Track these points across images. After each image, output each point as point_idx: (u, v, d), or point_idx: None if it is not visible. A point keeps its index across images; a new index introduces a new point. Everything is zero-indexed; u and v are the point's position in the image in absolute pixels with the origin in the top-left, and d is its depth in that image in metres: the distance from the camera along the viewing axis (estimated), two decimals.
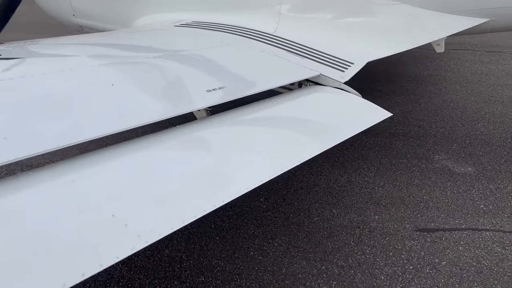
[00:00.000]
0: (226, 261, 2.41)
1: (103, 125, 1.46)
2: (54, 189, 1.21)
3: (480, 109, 4.51)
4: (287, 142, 1.92)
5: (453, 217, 2.76)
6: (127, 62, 2.07)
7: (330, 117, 2.21)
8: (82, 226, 1.13)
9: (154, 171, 1.42)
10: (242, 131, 1.98)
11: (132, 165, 1.45)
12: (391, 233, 2.61)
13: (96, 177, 1.32)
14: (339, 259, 2.41)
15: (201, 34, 2.87)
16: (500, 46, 7.09)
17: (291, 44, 2.82)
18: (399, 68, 6.00)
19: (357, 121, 2.23)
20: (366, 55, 2.77)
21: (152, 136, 1.63)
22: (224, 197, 1.40)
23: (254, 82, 2.28)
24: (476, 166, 3.38)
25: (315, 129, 2.11)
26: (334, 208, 2.86)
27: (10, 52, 1.91)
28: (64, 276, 1.01)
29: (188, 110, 1.83)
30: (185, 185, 1.43)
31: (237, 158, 1.70)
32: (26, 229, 1.08)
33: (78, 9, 4.03)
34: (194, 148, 1.74)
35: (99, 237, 1.12)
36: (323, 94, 2.35)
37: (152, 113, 1.67)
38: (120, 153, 1.45)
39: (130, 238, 1.14)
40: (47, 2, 4.38)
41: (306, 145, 1.95)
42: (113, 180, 1.33)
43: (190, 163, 1.58)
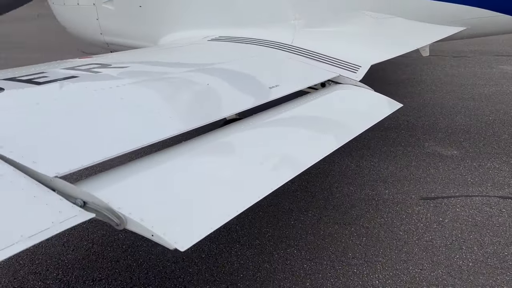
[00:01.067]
0: (273, 229, 2.94)
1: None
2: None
3: (456, 105, 5.23)
4: (322, 131, 2.43)
5: (448, 188, 3.38)
6: (198, 70, 2.54)
7: (355, 109, 2.76)
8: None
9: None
10: (286, 125, 2.41)
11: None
12: (401, 202, 3.21)
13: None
14: (364, 222, 2.98)
15: (234, 46, 3.42)
16: (465, 51, 7.94)
17: (308, 52, 3.40)
18: (380, 74, 6.70)
19: (375, 112, 2.78)
20: (369, 59, 3.36)
21: (236, 125, 2.11)
22: (283, 177, 1.82)
23: (286, 84, 2.82)
24: (460, 149, 4.04)
25: (344, 119, 2.64)
26: (351, 186, 3.45)
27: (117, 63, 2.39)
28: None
29: (252, 105, 2.32)
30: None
31: (287, 148, 2.14)
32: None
33: (106, 28, 4.50)
34: (263, 136, 2.19)
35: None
36: (347, 91, 2.91)
37: (216, 113, 2.10)
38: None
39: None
40: (75, 23, 4.82)
41: (338, 133, 2.43)
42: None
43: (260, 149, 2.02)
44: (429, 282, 2.43)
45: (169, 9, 4.03)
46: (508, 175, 3.54)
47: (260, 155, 1.87)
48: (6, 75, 1.95)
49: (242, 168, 1.77)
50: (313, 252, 2.70)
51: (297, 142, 2.18)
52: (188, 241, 1.26)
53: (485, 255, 2.63)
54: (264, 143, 2.05)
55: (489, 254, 2.64)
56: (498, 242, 2.74)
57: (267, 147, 2.02)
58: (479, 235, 2.81)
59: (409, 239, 2.79)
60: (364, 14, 3.66)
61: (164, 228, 1.26)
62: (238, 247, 2.78)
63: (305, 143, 2.22)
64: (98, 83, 1.94)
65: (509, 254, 2.62)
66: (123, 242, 2.91)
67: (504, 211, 3.06)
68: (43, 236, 1.08)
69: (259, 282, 2.48)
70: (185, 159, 1.67)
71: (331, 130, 2.48)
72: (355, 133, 2.42)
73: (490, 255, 2.63)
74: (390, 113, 2.80)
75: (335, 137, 2.38)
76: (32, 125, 1.48)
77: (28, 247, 1.06)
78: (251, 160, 1.84)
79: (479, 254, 2.64)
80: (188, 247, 1.26)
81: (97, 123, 1.61)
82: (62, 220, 1.13)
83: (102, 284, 2.54)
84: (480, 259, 2.60)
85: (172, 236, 1.25)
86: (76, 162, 1.31)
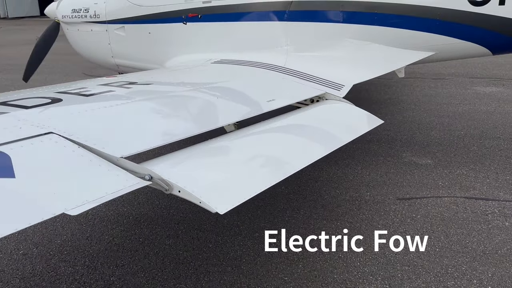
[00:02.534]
0: (270, 224, 3.40)
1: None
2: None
3: (432, 121, 5.79)
4: (313, 139, 2.92)
5: (421, 190, 3.89)
6: (209, 86, 3.06)
7: (341, 121, 3.23)
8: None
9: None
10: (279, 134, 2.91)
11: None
12: (380, 202, 3.70)
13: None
14: (348, 218, 3.46)
15: (235, 68, 3.94)
16: (443, 74, 8.59)
17: (298, 73, 3.92)
18: (365, 94, 7.27)
19: (359, 125, 3.24)
20: (352, 79, 3.88)
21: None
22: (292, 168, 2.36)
23: (279, 99, 3.33)
24: (433, 159, 4.57)
25: (328, 132, 3.10)
26: (337, 189, 3.93)
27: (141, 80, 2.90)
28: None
29: (254, 114, 2.82)
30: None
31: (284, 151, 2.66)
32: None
33: (117, 52, 5.02)
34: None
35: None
36: (333, 105, 3.42)
37: (221, 119, 2.60)
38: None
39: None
40: (87, 47, 5.34)
41: (322, 143, 2.88)
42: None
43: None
44: (402, 263, 2.90)
45: (176, 36, 4.56)
46: (474, 180, 4.06)
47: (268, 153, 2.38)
48: (56, 90, 2.44)
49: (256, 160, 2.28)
50: (305, 244, 3.16)
51: (295, 146, 2.68)
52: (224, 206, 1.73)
53: (450, 242, 3.11)
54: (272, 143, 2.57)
55: (453, 242, 3.12)
56: (461, 233, 3.23)
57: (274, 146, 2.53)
58: (445, 228, 3.30)
59: (386, 231, 3.27)
60: (346, 41, 4.21)
61: (204, 194, 1.72)
62: (240, 239, 3.23)
63: (300, 148, 2.70)
64: (135, 94, 2.43)
65: (469, 242, 3.11)
66: (140, 235, 3.35)
67: (468, 209, 3.56)
68: (119, 193, 1.54)
69: (259, 265, 2.93)
70: (216, 149, 2.17)
71: (320, 138, 2.96)
72: (341, 141, 2.86)
73: (454, 242, 3.11)
74: (372, 128, 3.26)
75: (324, 146, 2.84)
76: (96, 123, 1.97)
77: (114, 198, 1.52)
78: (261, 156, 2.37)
79: (445, 242, 3.12)
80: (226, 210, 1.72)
81: (145, 122, 2.10)
82: (130, 185, 1.59)
83: (125, 268, 2.96)
84: (446, 246, 3.08)
85: (211, 200, 1.72)
86: (133, 148, 1.79)
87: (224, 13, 4.35)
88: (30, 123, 1.84)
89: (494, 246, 3.05)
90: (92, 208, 1.50)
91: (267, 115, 2.84)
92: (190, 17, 4.47)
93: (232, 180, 2.00)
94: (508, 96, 6.85)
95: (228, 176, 2.01)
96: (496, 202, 3.65)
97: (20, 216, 1.32)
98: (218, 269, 2.92)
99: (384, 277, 2.79)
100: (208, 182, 1.88)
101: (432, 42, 4.07)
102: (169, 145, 2.14)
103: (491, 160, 4.47)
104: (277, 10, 4.22)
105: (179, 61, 4.56)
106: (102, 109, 2.10)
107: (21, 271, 2.97)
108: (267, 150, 2.38)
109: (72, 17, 5.31)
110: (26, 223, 1.31)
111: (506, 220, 3.37)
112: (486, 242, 3.10)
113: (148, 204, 3.83)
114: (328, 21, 4.17)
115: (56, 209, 1.39)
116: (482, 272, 2.79)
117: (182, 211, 3.64)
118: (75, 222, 3.55)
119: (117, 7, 4.89)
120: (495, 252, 2.98)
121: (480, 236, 3.18)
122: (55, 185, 1.50)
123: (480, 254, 2.97)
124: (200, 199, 1.69)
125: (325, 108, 3.36)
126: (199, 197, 1.69)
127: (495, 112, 6.09)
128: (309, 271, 2.87)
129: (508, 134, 5.20)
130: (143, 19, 4.68)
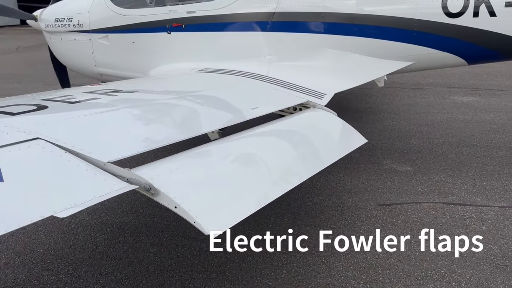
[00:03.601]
0: (254, 231, 3.42)
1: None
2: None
3: (411, 130, 5.93)
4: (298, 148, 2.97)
5: (402, 197, 3.98)
6: (193, 94, 3.11)
7: (324, 141, 3.21)
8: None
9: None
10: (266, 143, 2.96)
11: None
12: (362, 208, 3.78)
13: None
14: (331, 224, 3.52)
15: (220, 76, 3.99)
16: (422, 83, 8.80)
17: (281, 82, 4.00)
18: (345, 103, 7.40)
19: (342, 147, 3.26)
20: (333, 88, 3.98)
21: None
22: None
23: (263, 107, 3.39)
24: (413, 166, 4.68)
25: (313, 151, 3.07)
26: (320, 196, 4.00)
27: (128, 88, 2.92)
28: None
29: (239, 121, 2.87)
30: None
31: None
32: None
33: (100, 61, 5.03)
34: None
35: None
36: (315, 113, 3.47)
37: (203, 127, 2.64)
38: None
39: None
40: (71, 56, 5.33)
41: (306, 165, 2.87)
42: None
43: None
44: (383, 267, 2.97)
45: (159, 46, 4.60)
46: (452, 186, 4.17)
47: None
48: (41, 97, 2.45)
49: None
50: (289, 247, 3.21)
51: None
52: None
53: (429, 246, 3.20)
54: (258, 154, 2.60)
55: (432, 245, 3.21)
56: (440, 237, 3.32)
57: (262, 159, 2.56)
58: (425, 232, 3.38)
59: (368, 236, 3.34)
60: (327, 51, 4.31)
61: (199, 214, 1.76)
62: (224, 245, 3.25)
63: (285, 170, 2.71)
64: (120, 101, 2.46)
65: (448, 245, 3.19)
66: (124, 243, 3.35)
67: (447, 214, 3.66)
68: (107, 197, 1.57)
69: (244, 271, 2.96)
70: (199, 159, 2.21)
71: (307, 158, 2.94)
72: (324, 163, 2.79)
73: (433, 246, 3.20)
74: (355, 147, 3.29)
75: (309, 167, 2.82)
76: (82, 129, 1.99)
77: (101, 201, 1.54)
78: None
79: (425, 246, 3.20)
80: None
81: (130, 128, 2.13)
82: (117, 189, 1.62)
83: (109, 276, 2.96)
84: (425, 249, 3.16)
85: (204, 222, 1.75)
86: (119, 154, 1.82)
87: (208, 23, 4.41)
88: (17, 129, 1.86)
89: (471, 250, 3.14)
90: (75, 216, 1.52)
91: (254, 123, 2.86)
92: (174, 26, 4.52)
93: (224, 200, 2.06)
94: (484, 105, 7.06)
95: (220, 194, 2.06)
96: (473, 207, 3.76)
97: (9, 218, 1.34)
98: (203, 275, 2.94)
99: (366, 280, 2.85)
100: (204, 199, 1.93)
101: (410, 52, 4.20)
102: (153, 152, 2.18)
103: (468, 167, 4.61)
104: (260, 20, 4.31)
105: (163, 70, 4.60)
106: (88, 116, 2.12)
107: (3, 281, 2.94)
108: (257, 170, 2.42)
109: (55, 26, 5.31)
110: (16, 225, 1.33)
111: (483, 224, 3.48)
112: (464, 246, 3.19)
113: (132, 212, 3.83)
114: (310, 31, 4.27)
115: (45, 212, 1.41)
116: (461, 275, 2.88)
117: (166, 219, 3.64)
118: (58, 231, 3.53)
119: (101, 16, 4.91)
120: (472, 255, 3.07)
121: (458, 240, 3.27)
122: (43, 189, 1.52)
123: (458, 257, 3.06)
124: (195, 219, 1.73)
125: (311, 121, 3.35)
126: (195, 217, 1.73)
127: (472, 120, 6.27)
128: (293, 276, 2.91)
129: (484, 142, 5.36)
130: (127, 28, 4.71)
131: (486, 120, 6.27)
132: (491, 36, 3.91)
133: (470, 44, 3.99)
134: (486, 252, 3.11)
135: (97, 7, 4.96)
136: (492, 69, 9.39)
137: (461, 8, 3.89)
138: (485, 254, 3.08)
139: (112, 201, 1.76)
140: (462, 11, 3.89)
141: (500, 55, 4.18)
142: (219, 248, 3.05)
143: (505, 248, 3.14)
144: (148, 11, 4.67)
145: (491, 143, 5.30)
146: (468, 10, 3.90)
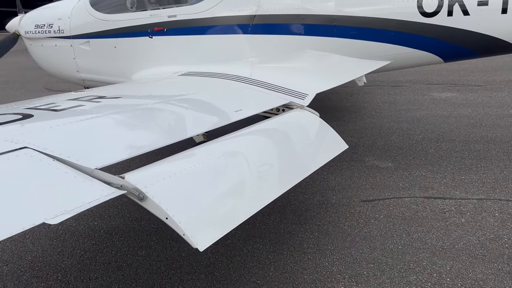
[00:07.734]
0: (241, 231, 3.48)
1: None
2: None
3: (392, 127, 6.06)
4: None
5: (383, 192, 4.08)
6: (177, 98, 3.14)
7: (307, 147, 3.31)
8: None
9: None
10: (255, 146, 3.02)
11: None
12: (345, 205, 3.87)
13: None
14: (316, 221, 3.60)
15: (203, 79, 4.04)
16: (401, 81, 8.98)
17: (264, 83, 4.06)
18: (327, 103, 7.52)
19: (324, 153, 3.36)
20: (315, 88, 4.06)
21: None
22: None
23: (247, 109, 3.44)
24: (394, 162, 4.80)
25: (300, 158, 3.20)
26: (305, 194, 4.08)
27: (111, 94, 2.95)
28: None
29: (224, 123, 2.93)
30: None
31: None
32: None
33: (82, 66, 5.02)
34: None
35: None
36: (298, 113, 3.54)
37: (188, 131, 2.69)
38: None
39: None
40: (52, 62, 5.31)
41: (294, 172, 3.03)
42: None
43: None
44: (367, 261, 3.05)
45: (142, 50, 4.62)
46: (432, 181, 4.30)
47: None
48: (26, 106, 2.47)
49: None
50: (276, 245, 3.28)
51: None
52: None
53: (411, 240, 3.30)
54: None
55: (414, 239, 3.31)
56: (421, 230, 3.42)
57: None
58: (407, 226, 3.49)
59: (352, 231, 3.43)
60: (308, 52, 4.39)
61: (188, 227, 1.81)
62: (212, 246, 3.25)
63: (275, 177, 2.83)
64: (105, 108, 2.49)
65: (429, 238, 3.30)
66: (112, 248, 3.37)
67: (428, 208, 3.77)
68: (96, 202, 1.61)
69: (232, 271, 3.02)
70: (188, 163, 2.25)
71: (294, 165, 3.05)
72: (309, 170, 3.02)
73: (415, 240, 3.30)
74: (337, 154, 3.38)
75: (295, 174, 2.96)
76: (69, 137, 2.02)
77: (90, 207, 1.58)
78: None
79: (407, 239, 3.31)
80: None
81: (117, 135, 2.17)
82: (105, 194, 1.66)
83: (99, 281, 2.98)
84: (407, 243, 3.26)
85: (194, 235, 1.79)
86: (107, 160, 1.86)
87: (189, 27, 4.45)
88: (4, 138, 1.88)
89: (451, 242, 3.25)
90: (62, 223, 1.56)
91: (240, 125, 2.91)
92: (156, 31, 4.55)
93: (213, 211, 2.13)
94: (462, 101, 7.25)
95: (209, 205, 2.12)
96: (453, 200, 3.88)
97: (0, 227, 1.37)
98: (192, 277, 2.98)
99: (351, 275, 2.93)
100: (193, 211, 2.00)
101: (388, 52, 4.31)
102: (138, 158, 2.22)
103: (447, 162, 4.74)
104: (241, 23, 4.36)
105: (146, 75, 4.62)
106: (74, 123, 2.15)
107: None
108: (244, 178, 2.47)
109: (35, 33, 5.28)
110: (8, 233, 1.36)
111: (462, 217, 3.60)
112: (444, 238, 3.30)
113: (119, 217, 3.85)
114: (290, 33, 4.35)
115: (36, 219, 1.45)
116: (441, 266, 2.98)
117: (154, 222, 3.68)
118: (45, 238, 3.53)
119: (82, 22, 4.91)
120: (452, 247, 3.18)
121: (438, 232, 3.38)
122: (33, 197, 1.56)
123: (439, 249, 3.16)
124: (184, 231, 1.78)
125: (295, 125, 3.41)
126: (184, 229, 1.78)
127: (451, 116, 6.43)
128: (281, 273, 2.98)
129: (463, 137, 5.51)
130: (109, 33, 4.72)
131: (464, 115, 6.45)
132: (465, 34, 4.04)
133: (445, 42, 4.11)
134: (465, 243, 3.22)
135: (77, 12, 4.96)
136: (469, 65, 9.63)
137: (435, 8, 4.00)
138: (464, 246, 3.19)
139: (99, 206, 1.78)
140: (437, 11, 4.01)
141: (474, 53, 4.31)
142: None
143: (483, 239, 3.26)
144: (129, 16, 4.68)
145: (469, 138, 5.45)
146: (443, 10, 4.02)
